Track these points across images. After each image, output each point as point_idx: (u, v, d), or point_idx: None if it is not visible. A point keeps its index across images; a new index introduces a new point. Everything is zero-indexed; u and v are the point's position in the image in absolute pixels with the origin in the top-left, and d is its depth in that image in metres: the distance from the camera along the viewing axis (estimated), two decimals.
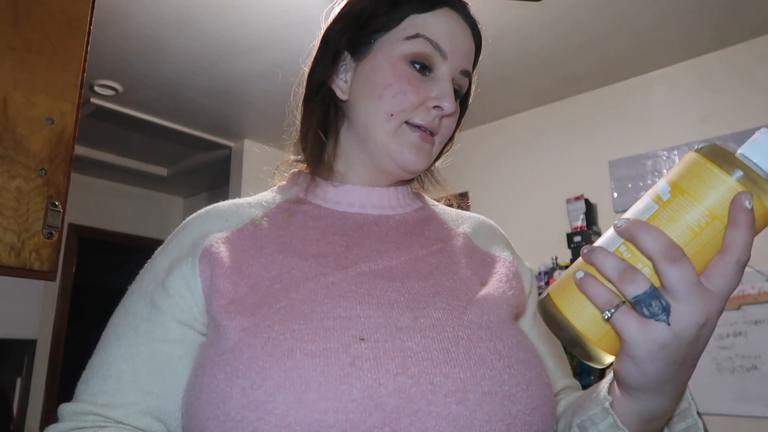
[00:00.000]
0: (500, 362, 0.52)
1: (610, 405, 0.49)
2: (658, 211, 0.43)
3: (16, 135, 0.94)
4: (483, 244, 0.70)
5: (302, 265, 0.57)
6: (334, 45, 0.67)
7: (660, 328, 0.40)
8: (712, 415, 2.47)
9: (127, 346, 0.55)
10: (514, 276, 0.66)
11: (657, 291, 0.40)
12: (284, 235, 0.61)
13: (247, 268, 0.57)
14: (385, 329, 0.51)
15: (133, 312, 0.58)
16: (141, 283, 0.60)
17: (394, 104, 0.62)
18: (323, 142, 0.68)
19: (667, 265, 0.39)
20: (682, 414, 0.51)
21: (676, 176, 0.44)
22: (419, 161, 0.64)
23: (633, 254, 0.43)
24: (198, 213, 0.66)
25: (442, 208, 0.76)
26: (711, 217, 0.41)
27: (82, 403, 0.54)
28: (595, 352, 0.45)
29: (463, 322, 0.54)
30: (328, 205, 0.66)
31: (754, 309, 2.45)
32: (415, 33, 0.63)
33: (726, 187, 0.41)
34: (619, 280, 0.41)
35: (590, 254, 0.44)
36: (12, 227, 0.92)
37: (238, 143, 3.79)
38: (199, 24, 2.48)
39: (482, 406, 0.48)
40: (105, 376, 0.54)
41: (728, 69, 2.67)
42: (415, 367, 0.48)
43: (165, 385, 0.54)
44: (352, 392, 0.46)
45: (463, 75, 0.66)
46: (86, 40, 1.05)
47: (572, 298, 0.45)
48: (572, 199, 2.97)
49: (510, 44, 2.63)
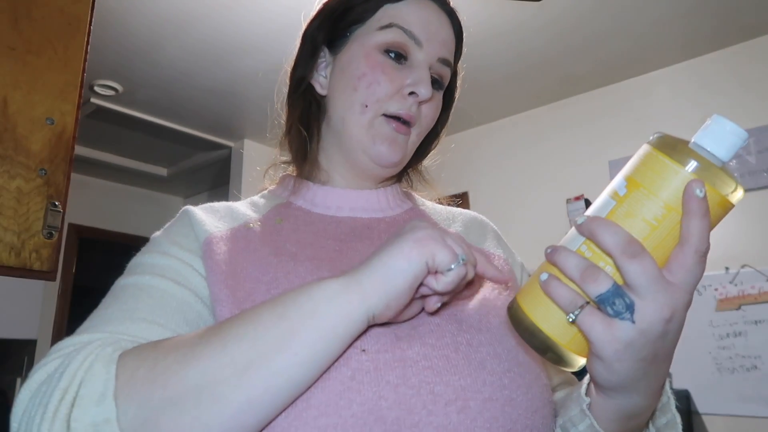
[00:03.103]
0: (500, 366, 0.51)
1: (588, 406, 0.49)
2: (616, 207, 0.42)
3: (16, 135, 0.94)
4: (476, 241, 0.69)
5: (298, 270, 0.56)
6: (312, 41, 0.68)
7: (625, 326, 0.39)
8: (712, 415, 2.47)
9: (159, 296, 0.53)
10: (509, 273, 0.66)
11: (620, 289, 0.40)
12: (277, 239, 0.60)
13: (242, 271, 0.56)
14: (385, 339, 0.50)
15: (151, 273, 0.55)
16: (146, 257, 0.58)
17: (368, 95, 0.62)
18: (305, 138, 0.68)
19: (626, 261, 0.39)
20: (662, 408, 0.51)
21: (632, 170, 0.43)
22: (392, 154, 0.63)
23: (594, 252, 0.42)
24: (196, 207, 0.65)
25: (433, 206, 0.75)
26: (667, 210, 0.40)
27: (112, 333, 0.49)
28: (567, 356, 0.45)
29: (461, 326, 0.53)
30: (318, 209, 0.66)
31: (754, 309, 2.44)
32: (389, 22, 0.63)
33: (679, 178, 0.40)
34: (581, 279, 0.41)
35: (552, 254, 0.43)
36: (12, 227, 0.92)
37: (238, 143, 3.79)
38: (199, 24, 2.48)
39: (483, 413, 0.48)
40: (134, 318, 0.50)
41: (728, 69, 2.67)
42: (416, 377, 0.48)
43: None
44: (352, 407, 0.45)
45: (442, 64, 0.65)
46: (86, 40, 1.05)
47: (538, 302, 0.44)
48: (572, 199, 2.97)
49: (510, 44, 2.63)
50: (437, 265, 0.45)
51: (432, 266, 0.45)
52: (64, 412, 0.41)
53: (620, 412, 0.47)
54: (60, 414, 0.41)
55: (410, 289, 0.46)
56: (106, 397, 0.41)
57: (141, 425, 0.41)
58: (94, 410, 0.41)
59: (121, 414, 0.41)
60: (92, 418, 0.41)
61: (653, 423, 0.51)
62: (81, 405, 0.41)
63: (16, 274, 0.93)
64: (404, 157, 0.66)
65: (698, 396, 2.50)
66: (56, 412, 0.41)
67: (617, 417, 0.47)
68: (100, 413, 0.41)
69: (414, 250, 0.45)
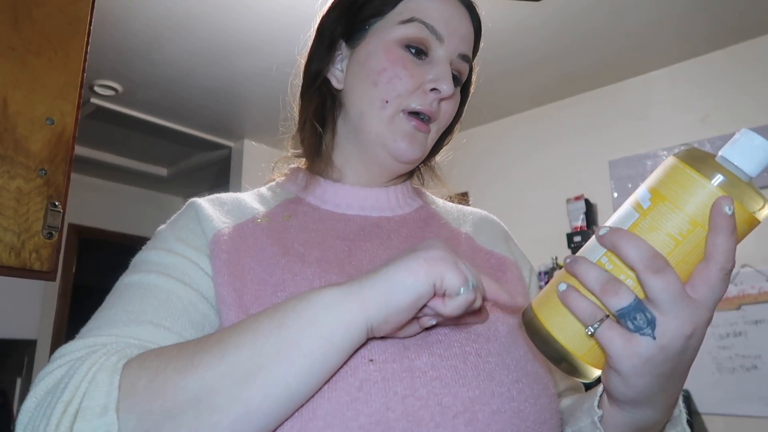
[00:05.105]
0: (509, 377, 0.50)
1: (599, 419, 0.48)
2: (639, 220, 0.41)
3: (16, 135, 0.94)
4: (486, 242, 0.68)
5: (305, 272, 0.55)
6: (329, 34, 0.67)
7: (645, 342, 0.39)
8: (712, 415, 2.47)
9: (165, 297, 0.52)
10: (518, 280, 0.65)
11: (641, 303, 0.39)
12: (285, 238, 0.59)
13: (249, 271, 0.55)
14: (393, 348, 0.49)
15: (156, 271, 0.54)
16: (151, 253, 0.57)
17: (389, 90, 0.61)
18: (320, 133, 0.67)
19: (650, 276, 0.38)
20: (673, 421, 0.50)
21: (656, 182, 0.42)
22: (412, 150, 0.62)
23: (615, 265, 0.41)
24: (203, 199, 0.63)
25: (443, 205, 0.74)
26: (693, 225, 0.39)
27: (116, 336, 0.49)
28: (582, 367, 0.44)
29: (470, 335, 0.53)
30: (327, 206, 0.65)
31: (754, 309, 2.44)
32: (410, 17, 0.62)
33: (706, 193, 0.39)
34: (602, 292, 0.40)
35: (572, 265, 0.42)
36: (12, 227, 0.92)
37: (238, 143, 3.79)
38: (199, 24, 2.48)
39: (491, 425, 0.47)
40: (140, 321, 0.50)
41: (728, 69, 2.67)
42: (424, 388, 0.47)
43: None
44: (359, 418, 0.45)
45: (461, 59, 0.65)
46: (86, 40, 1.05)
47: (555, 312, 0.44)
48: (572, 199, 2.97)
49: (510, 44, 2.63)
50: (445, 287, 0.44)
51: (440, 288, 0.44)
52: (66, 424, 0.41)
53: (633, 425, 0.46)
54: (62, 426, 0.41)
55: (412, 307, 0.44)
56: (108, 409, 0.41)
57: None
58: (96, 422, 0.41)
59: (123, 426, 0.41)
60: (94, 430, 0.41)
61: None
62: (84, 417, 0.41)
63: (16, 274, 0.93)
64: (423, 154, 0.65)
65: (698, 396, 2.50)
66: (59, 425, 0.41)
67: (629, 430, 0.47)
68: (101, 426, 0.41)
69: (423, 269, 0.44)
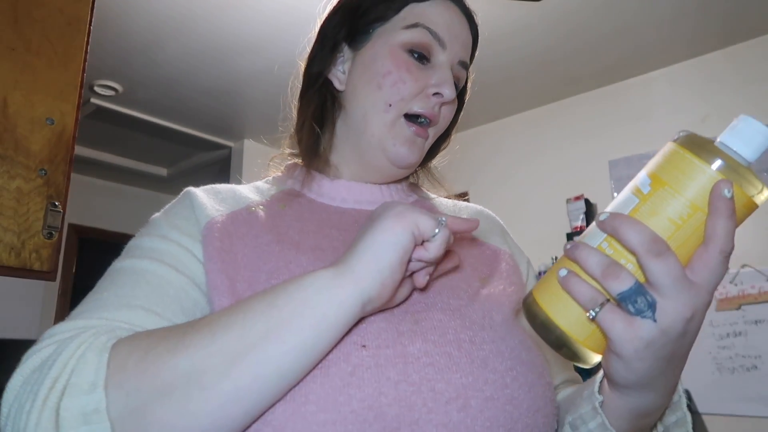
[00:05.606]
0: (503, 365, 0.51)
1: (600, 404, 0.48)
2: (639, 205, 0.42)
3: (16, 135, 0.94)
4: (482, 235, 0.69)
5: (300, 259, 0.55)
6: (332, 36, 0.67)
7: (646, 325, 0.40)
8: (712, 415, 2.47)
9: (157, 282, 0.52)
10: (514, 271, 0.66)
11: (642, 287, 0.40)
12: (280, 225, 0.60)
13: (242, 258, 0.55)
14: (386, 334, 0.49)
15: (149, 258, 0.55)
16: (144, 240, 0.57)
17: (393, 93, 0.62)
18: (318, 134, 0.68)
19: (651, 260, 0.39)
20: (673, 407, 0.50)
21: (656, 168, 0.43)
22: (411, 155, 0.63)
23: (615, 250, 0.42)
24: (198, 189, 0.64)
25: (439, 200, 0.75)
26: (692, 209, 0.40)
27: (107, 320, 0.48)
28: (582, 352, 0.44)
29: (465, 323, 0.53)
30: (323, 199, 0.66)
31: (754, 309, 2.44)
32: (415, 22, 0.63)
33: (706, 177, 0.40)
34: (603, 276, 0.41)
35: (573, 250, 0.43)
36: (12, 227, 0.92)
37: (238, 143, 3.79)
38: (199, 24, 2.48)
39: (484, 412, 0.47)
40: (131, 305, 0.50)
41: (728, 68, 2.67)
42: (417, 374, 0.47)
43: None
44: (352, 403, 0.45)
45: (460, 66, 0.66)
46: (86, 40, 1.05)
47: (556, 298, 0.44)
48: (572, 199, 2.97)
49: (510, 44, 2.63)
50: (422, 232, 0.46)
51: (418, 235, 0.46)
52: (54, 400, 0.40)
53: (634, 410, 0.47)
54: (50, 402, 0.40)
55: (402, 262, 0.46)
56: (96, 386, 0.41)
57: (129, 414, 0.41)
58: (84, 399, 0.41)
59: (111, 403, 0.41)
60: (82, 407, 0.40)
61: (662, 421, 0.51)
62: (71, 394, 0.41)
63: (16, 274, 0.93)
64: (420, 158, 0.66)
65: (698, 396, 2.50)
66: (46, 401, 0.40)
67: (630, 415, 0.47)
68: (89, 402, 0.41)
69: (398, 224, 0.46)
